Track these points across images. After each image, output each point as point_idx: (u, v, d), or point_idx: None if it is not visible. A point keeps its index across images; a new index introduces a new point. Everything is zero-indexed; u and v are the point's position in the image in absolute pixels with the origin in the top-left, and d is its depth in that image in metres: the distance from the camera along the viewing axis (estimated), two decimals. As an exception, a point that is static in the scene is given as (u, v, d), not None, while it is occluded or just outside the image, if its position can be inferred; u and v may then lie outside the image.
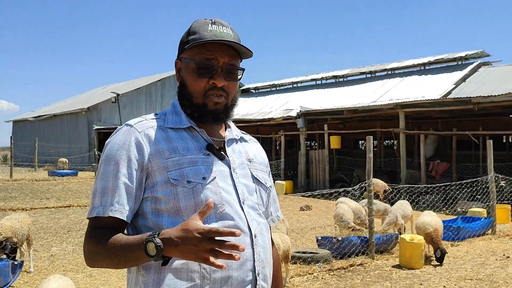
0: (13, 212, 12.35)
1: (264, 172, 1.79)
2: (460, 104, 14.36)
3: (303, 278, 6.86)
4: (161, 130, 1.62)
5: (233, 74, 1.65)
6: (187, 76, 1.65)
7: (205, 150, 1.62)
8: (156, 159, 1.55)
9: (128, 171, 1.54)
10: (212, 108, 1.62)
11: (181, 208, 1.52)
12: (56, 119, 36.22)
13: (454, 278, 6.81)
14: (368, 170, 7.99)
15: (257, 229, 1.61)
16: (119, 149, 1.56)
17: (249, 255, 1.55)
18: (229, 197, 1.57)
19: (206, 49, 1.60)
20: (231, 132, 1.76)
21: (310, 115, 19.86)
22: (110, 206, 1.51)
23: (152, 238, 1.34)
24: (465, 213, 11.64)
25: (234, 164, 1.66)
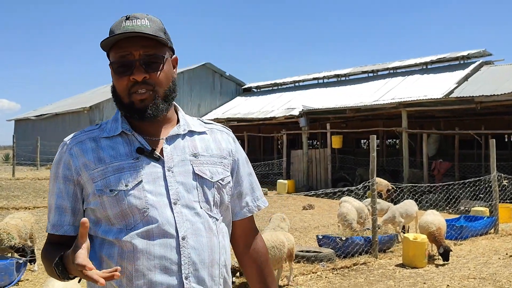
0: (16, 211, 12.36)
1: (215, 164, 1.68)
2: (462, 103, 14.35)
3: (307, 277, 6.87)
4: (93, 141, 1.62)
5: (154, 63, 1.59)
6: (113, 79, 1.63)
7: (136, 154, 1.59)
8: (84, 172, 1.58)
9: (60, 187, 1.60)
10: (139, 106, 1.58)
11: (110, 217, 1.54)
12: (58, 118, 36.23)
13: (458, 277, 6.81)
14: (372, 169, 8.00)
15: (189, 230, 1.55)
16: (55, 167, 1.62)
17: (174, 259, 1.51)
18: (156, 199, 1.54)
19: (119, 47, 1.57)
20: (178, 127, 1.69)
21: (312, 114, 19.86)
22: (50, 223, 1.61)
23: (57, 264, 1.42)
24: (468, 212, 11.64)
25: (172, 163, 1.60)
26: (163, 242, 1.51)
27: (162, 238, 1.52)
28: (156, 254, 1.50)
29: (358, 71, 27.92)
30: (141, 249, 1.50)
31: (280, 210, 13.36)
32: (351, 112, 17.79)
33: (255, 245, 1.84)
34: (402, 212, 8.91)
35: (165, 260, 1.50)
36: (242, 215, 1.79)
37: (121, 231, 1.52)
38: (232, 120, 24.72)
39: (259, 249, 1.84)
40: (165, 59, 1.63)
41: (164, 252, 1.51)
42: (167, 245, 1.51)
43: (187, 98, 35.91)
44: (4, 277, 6.01)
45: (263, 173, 22.74)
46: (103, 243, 1.55)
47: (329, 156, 19.05)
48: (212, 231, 1.61)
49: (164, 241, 1.51)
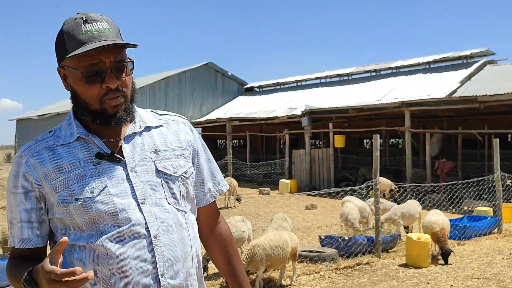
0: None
1: (176, 158, 1.69)
2: (466, 102, 14.30)
3: (310, 277, 6.84)
4: (50, 150, 1.58)
5: (123, 69, 1.57)
6: (77, 86, 1.56)
7: (96, 159, 1.56)
8: (44, 183, 1.54)
9: (22, 200, 1.56)
10: (113, 112, 1.56)
11: (79, 225, 1.53)
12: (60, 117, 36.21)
13: (461, 277, 6.78)
14: (375, 169, 7.96)
15: (161, 228, 1.56)
16: (13, 181, 1.58)
17: (149, 258, 1.52)
18: (123, 201, 1.53)
19: (87, 55, 1.49)
20: (134, 125, 1.66)
21: (315, 113, 19.81)
22: (15, 238, 1.57)
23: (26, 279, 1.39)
24: (471, 212, 11.60)
25: (133, 163, 1.59)
26: (136, 243, 1.52)
27: (135, 239, 1.52)
28: (130, 256, 1.51)
29: (360, 70, 27.89)
30: (114, 252, 1.50)
31: (282, 210, 13.35)
32: (353, 112, 17.74)
33: (219, 228, 1.88)
34: (404, 212, 8.88)
35: (140, 260, 1.51)
36: (205, 201, 1.82)
37: (92, 236, 1.52)
38: (234, 119, 24.69)
39: (223, 231, 1.89)
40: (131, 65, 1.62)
41: (138, 253, 1.51)
42: (140, 246, 1.52)
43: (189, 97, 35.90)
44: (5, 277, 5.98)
45: (266, 173, 22.73)
46: (72, 249, 1.53)
47: (332, 155, 19.01)
48: (182, 225, 1.63)
49: (137, 241, 1.52)
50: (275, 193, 17.96)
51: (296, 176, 20.32)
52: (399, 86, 23.04)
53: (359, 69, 28.21)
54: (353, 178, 19.23)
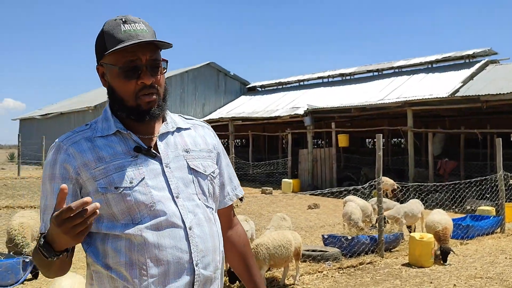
0: (22, 209, 12.39)
1: (205, 158, 1.80)
2: (468, 102, 14.30)
3: (313, 276, 6.85)
4: (88, 141, 1.66)
5: (158, 68, 1.67)
6: (114, 82, 1.66)
7: (134, 152, 1.64)
8: (83, 171, 1.61)
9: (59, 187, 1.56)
10: (146, 108, 1.65)
11: (115, 213, 1.58)
12: (63, 117, 36.31)
13: (464, 277, 6.79)
14: (378, 169, 7.97)
15: (194, 221, 1.64)
16: (50, 168, 1.63)
17: (185, 248, 1.60)
18: (160, 194, 1.62)
19: (126, 51, 1.61)
20: (166, 125, 1.76)
21: (317, 113, 19.82)
22: (48, 223, 1.56)
23: (40, 243, 1.43)
24: (474, 211, 11.60)
25: (168, 159, 1.68)
26: (173, 233, 1.59)
27: (172, 230, 1.59)
28: (167, 245, 1.57)
29: (363, 70, 27.88)
30: (152, 241, 1.56)
31: (285, 209, 13.37)
32: (356, 111, 17.74)
33: (236, 230, 1.99)
34: (407, 211, 8.89)
35: (176, 250, 1.58)
36: (224, 204, 1.92)
37: (127, 225, 1.58)
38: (236, 119, 24.70)
39: (239, 233, 1.99)
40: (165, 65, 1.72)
41: (174, 243, 1.59)
42: (176, 236, 1.59)
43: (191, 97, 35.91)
44: (11, 275, 6.02)
45: (268, 172, 22.73)
46: (106, 238, 1.59)
47: (334, 155, 19.00)
48: (210, 220, 1.72)
49: (173, 232, 1.59)
50: (277, 193, 17.96)
51: (300, 176, 20.32)
52: (401, 85, 23.04)
53: (361, 68, 28.20)
54: (356, 178, 19.22)
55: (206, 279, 1.65)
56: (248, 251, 2.00)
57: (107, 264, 1.58)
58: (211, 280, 1.68)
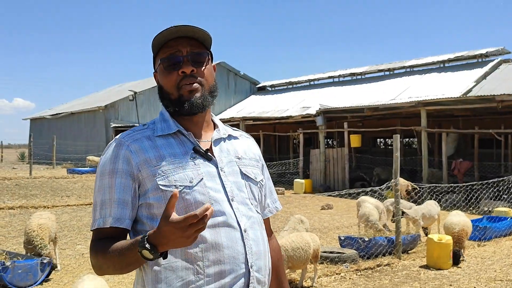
0: (35, 209, 12.43)
1: (254, 166, 1.84)
2: (483, 102, 14.16)
3: (331, 278, 6.80)
4: (149, 139, 1.70)
5: (200, 61, 1.72)
6: (161, 78, 1.74)
7: (192, 154, 1.69)
8: (144, 168, 1.64)
9: (121, 182, 1.64)
10: (188, 97, 1.69)
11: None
12: (73, 117, 36.42)
13: (484, 279, 6.70)
14: (395, 169, 7.89)
15: (247, 224, 1.67)
16: (111, 163, 1.66)
17: (241, 249, 1.62)
18: (217, 195, 1.64)
19: (168, 46, 1.70)
20: (218, 132, 1.81)
21: (329, 113, 19.72)
22: (109, 217, 1.62)
23: (143, 245, 1.43)
24: (491, 212, 11.48)
25: (222, 163, 1.72)
26: (229, 234, 1.62)
27: (228, 230, 1.62)
28: (224, 245, 1.59)
29: (374, 69, 27.78)
30: (209, 240, 1.58)
31: (298, 209, 13.31)
32: (369, 111, 17.62)
33: (271, 244, 1.95)
34: (424, 213, 8.80)
35: (233, 250, 1.61)
36: (263, 215, 1.91)
37: None
38: (248, 119, 24.65)
39: (274, 247, 1.97)
40: (208, 57, 1.77)
41: (231, 243, 1.61)
42: (232, 237, 1.62)
43: (201, 97, 35.90)
44: (29, 276, 6.02)
45: (279, 172, 22.65)
46: None
47: (347, 155, 18.90)
48: (261, 225, 1.77)
49: (230, 232, 1.62)
50: (289, 193, 17.91)
51: (311, 176, 20.23)
52: (413, 85, 22.92)
53: (372, 68, 28.10)
54: (368, 178, 19.12)
55: (259, 282, 1.67)
56: (281, 267, 2.00)
57: (162, 263, 1.58)
58: (263, 284, 1.70)
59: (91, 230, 1.67)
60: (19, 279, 5.90)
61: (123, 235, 1.65)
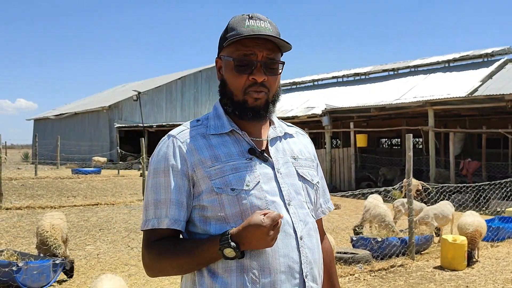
0: (42, 210, 12.39)
1: (310, 167, 1.75)
2: (492, 101, 14.07)
3: (345, 279, 6.73)
4: (203, 137, 1.62)
5: (273, 68, 1.62)
6: (227, 74, 1.63)
7: (248, 154, 1.60)
8: (199, 169, 1.56)
9: (177, 181, 1.56)
10: (252, 105, 1.60)
11: (227, 216, 1.53)
12: (77, 117, 36.43)
13: (500, 280, 6.63)
14: (408, 169, 7.82)
15: (304, 231, 1.60)
16: (165, 161, 1.58)
17: (296, 258, 1.55)
18: (274, 199, 1.57)
19: (243, 44, 1.58)
20: (274, 129, 1.72)
21: (335, 113, 19.65)
22: (165, 218, 1.55)
23: (228, 243, 1.43)
24: (502, 213, 11.39)
25: (278, 164, 1.64)
26: (285, 241, 1.54)
27: (284, 237, 1.54)
28: (280, 253, 1.52)
29: (378, 69, 27.72)
30: (265, 249, 1.50)
31: (306, 210, 13.22)
32: (375, 111, 17.55)
33: (324, 245, 1.87)
34: (437, 213, 8.72)
35: (288, 259, 1.53)
36: (317, 216, 1.82)
37: None
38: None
39: (327, 249, 1.89)
40: (282, 65, 1.66)
41: (286, 251, 1.53)
42: (288, 244, 1.54)
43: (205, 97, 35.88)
44: (42, 277, 5.96)
45: (285, 173, 22.57)
46: None
47: (353, 155, 18.84)
48: (316, 231, 1.69)
49: (286, 240, 1.54)
50: (295, 193, 17.82)
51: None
52: (418, 85, 22.85)
53: (376, 68, 28.04)
54: (374, 178, 19.05)
55: None
56: (333, 269, 1.91)
57: (215, 269, 1.52)
58: None
59: (142, 229, 1.60)
60: (32, 280, 5.83)
61: (177, 237, 1.60)
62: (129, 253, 8.01)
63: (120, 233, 9.61)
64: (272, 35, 1.57)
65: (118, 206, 13.44)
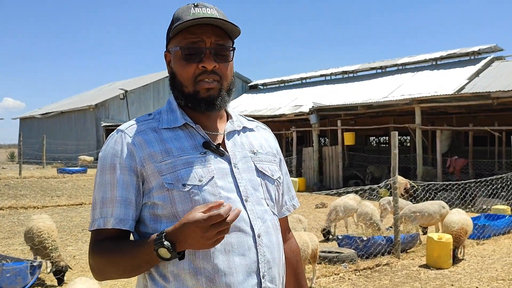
0: (25, 210, 12.22)
1: (271, 162, 1.65)
2: (479, 99, 14.06)
3: (330, 278, 6.64)
4: (154, 131, 1.53)
5: (223, 55, 1.54)
6: (176, 65, 1.55)
7: (202, 148, 1.51)
8: (149, 164, 1.47)
9: (124, 178, 1.47)
10: (205, 95, 1.51)
11: (179, 213, 1.43)
12: (63, 116, 36.12)
13: (486, 279, 6.57)
14: (393, 167, 7.76)
15: (262, 228, 1.50)
16: (112, 157, 1.49)
17: (253, 257, 1.46)
18: (230, 195, 1.48)
19: (190, 32, 1.50)
20: (232, 123, 1.63)
21: (323, 110, 19.59)
22: (110, 218, 1.46)
23: (161, 242, 1.31)
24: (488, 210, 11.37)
25: (235, 159, 1.55)
26: (241, 240, 1.45)
27: (240, 236, 1.46)
28: (235, 252, 1.44)
29: (366, 67, 27.68)
30: (219, 248, 1.42)
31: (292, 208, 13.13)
32: (362, 109, 17.51)
33: (290, 244, 1.79)
34: (416, 212, 8.61)
35: (244, 258, 1.45)
36: (281, 214, 1.74)
37: None
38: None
39: (293, 247, 1.80)
40: (233, 52, 1.58)
41: (242, 250, 1.45)
42: (244, 243, 1.46)
43: (193, 95, 35.66)
44: (18, 279, 5.81)
45: (272, 171, 22.49)
46: None
47: (340, 153, 18.77)
48: (276, 228, 1.59)
49: (241, 238, 1.46)
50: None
51: (304, 174, 20.10)
52: (405, 83, 22.84)
53: (364, 66, 28.00)
54: (362, 176, 19.01)
55: None
56: (301, 269, 1.81)
57: (166, 272, 1.43)
58: None
59: (90, 230, 1.50)
60: (8, 282, 5.68)
61: (126, 238, 1.49)
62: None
63: (103, 233, 9.45)
64: (219, 17, 1.49)
65: (103, 206, 13.26)
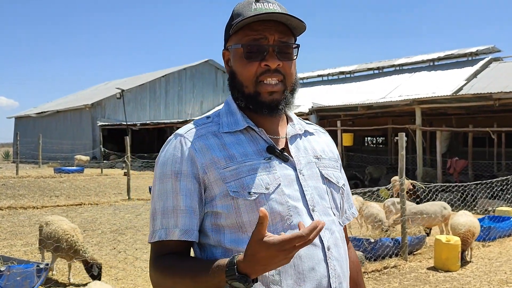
0: (24, 210, 12.11)
1: (335, 168, 1.55)
2: (480, 100, 14.06)
3: (339, 281, 6.58)
4: (215, 136, 1.43)
5: (287, 53, 1.43)
6: (236, 64, 1.45)
7: (266, 153, 1.41)
8: (211, 170, 1.37)
9: (187, 186, 1.37)
10: (267, 100, 1.41)
11: (244, 223, 1.34)
12: (59, 115, 35.92)
13: (495, 282, 6.54)
14: (401, 168, 7.71)
15: (331, 240, 1.40)
16: (172, 164, 1.39)
17: (323, 271, 1.36)
18: (296, 205, 1.37)
19: (252, 29, 1.40)
20: (293, 126, 1.52)
21: (322, 111, 19.56)
22: (175, 229, 1.36)
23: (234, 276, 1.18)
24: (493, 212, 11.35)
25: (300, 165, 1.44)
26: (311, 253, 1.34)
27: (309, 249, 1.34)
28: (305, 267, 1.33)
29: (363, 68, 27.73)
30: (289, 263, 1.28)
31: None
32: (362, 109, 17.49)
33: (350, 254, 1.66)
34: (415, 212, 8.56)
35: (315, 273, 1.34)
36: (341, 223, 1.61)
37: None
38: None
39: (353, 258, 1.68)
40: (297, 49, 1.47)
41: (312, 264, 1.34)
42: (314, 257, 1.35)
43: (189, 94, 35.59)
44: (25, 282, 5.71)
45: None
46: (229, 254, 1.30)
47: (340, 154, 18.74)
48: (344, 241, 1.50)
49: (311, 252, 1.34)
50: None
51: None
52: (403, 83, 22.89)
53: (362, 66, 28.04)
54: (361, 177, 19.00)
55: None
56: (361, 280, 1.70)
57: None
58: None
59: (149, 242, 1.41)
60: (15, 285, 5.59)
61: (189, 249, 1.41)
62: (116, 256, 7.78)
63: (106, 235, 9.37)
64: (284, 13, 1.38)
65: (103, 206, 13.18)
